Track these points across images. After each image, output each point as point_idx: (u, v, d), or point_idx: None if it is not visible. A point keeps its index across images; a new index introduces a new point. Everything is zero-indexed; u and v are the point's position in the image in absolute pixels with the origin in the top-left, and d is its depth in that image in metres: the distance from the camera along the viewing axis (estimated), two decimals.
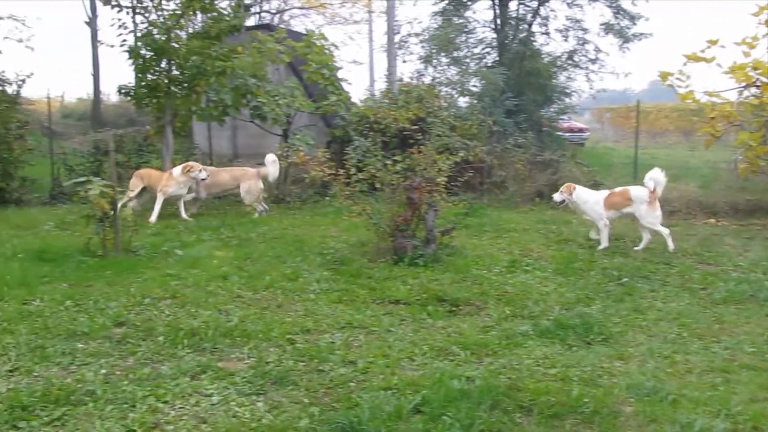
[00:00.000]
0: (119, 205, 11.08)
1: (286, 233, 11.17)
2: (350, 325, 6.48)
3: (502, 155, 16.41)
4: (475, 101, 19.75)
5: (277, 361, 5.43)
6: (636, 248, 10.39)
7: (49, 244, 9.88)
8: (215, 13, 15.65)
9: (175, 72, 15.61)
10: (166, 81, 15.61)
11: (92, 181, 9.22)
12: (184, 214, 12.92)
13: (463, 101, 21.03)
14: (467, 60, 23.12)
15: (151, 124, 18.53)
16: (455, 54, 22.67)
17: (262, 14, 38.64)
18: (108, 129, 25.75)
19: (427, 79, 21.49)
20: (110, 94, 39.25)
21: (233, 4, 16.44)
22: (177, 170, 13.04)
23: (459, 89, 21.13)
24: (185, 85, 15.60)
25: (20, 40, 30.08)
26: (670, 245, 10.21)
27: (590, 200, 10.72)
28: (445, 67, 22.66)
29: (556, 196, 11.03)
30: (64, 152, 17.27)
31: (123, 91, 16.53)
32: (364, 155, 11.24)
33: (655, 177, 10.33)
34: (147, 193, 13.32)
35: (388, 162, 9.99)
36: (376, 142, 12.95)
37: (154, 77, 15.77)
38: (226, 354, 5.65)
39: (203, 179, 13.11)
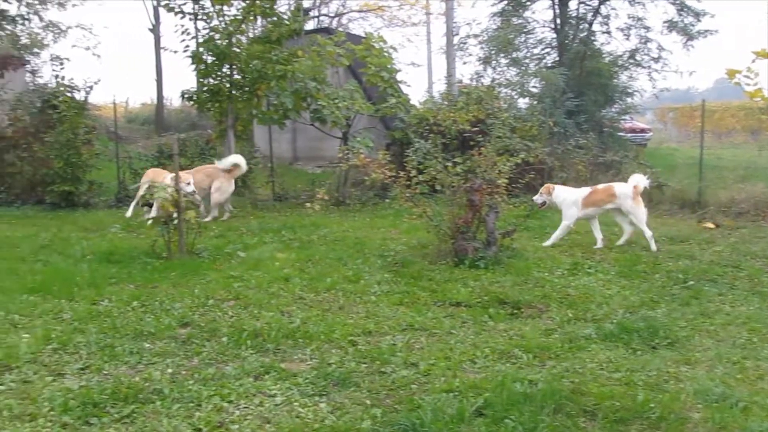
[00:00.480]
0: (131, 205, 11.36)
1: (346, 235, 11.24)
2: (411, 327, 6.48)
3: (562, 157, 16.26)
4: (535, 102, 19.61)
5: (339, 363, 5.46)
6: (618, 242, 10.64)
7: (116, 246, 10.12)
8: (275, 18, 15.87)
9: (237, 76, 15.89)
10: (228, 85, 15.88)
11: (157, 185, 9.41)
12: None
13: (522, 102, 20.91)
14: (527, 61, 22.96)
15: (212, 128, 18.88)
16: (514, 55, 22.52)
17: (321, 18, 38.94)
18: (171, 133, 26.26)
19: (486, 81, 21.44)
20: (172, 99, 40.01)
21: (292, 8, 16.63)
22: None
23: (519, 90, 20.99)
24: (246, 89, 15.86)
25: (87, 48, 30.93)
26: (653, 246, 10.22)
27: (568, 199, 10.77)
28: (505, 68, 22.55)
29: (537, 198, 11.06)
30: (129, 156, 17.65)
31: (186, 95, 16.86)
32: (425, 157, 11.21)
33: (639, 181, 10.54)
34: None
35: (449, 164, 9.95)
36: (436, 144, 12.91)
37: (216, 82, 16.06)
38: (289, 355, 5.71)
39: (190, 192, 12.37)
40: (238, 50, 15.60)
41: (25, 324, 6.50)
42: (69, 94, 16.18)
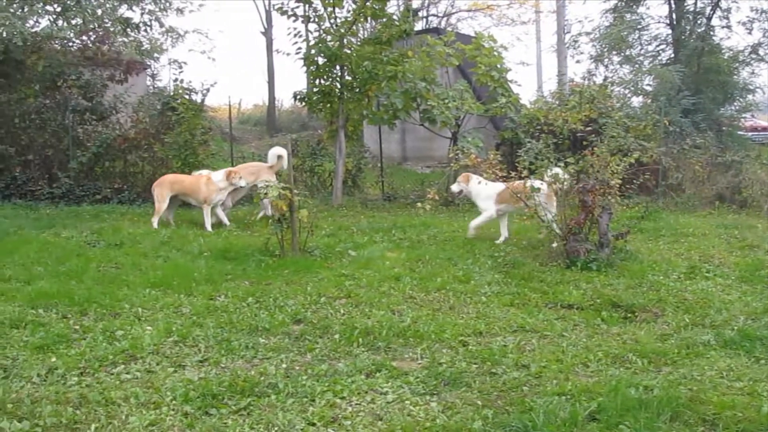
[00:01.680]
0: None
1: (456, 235, 11.25)
2: (522, 328, 6.44)
3: (678, 156, 15.76)
4: (650, 101, 19.08)
5: (450, 363, 5.48)
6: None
7: (231, 244, 10.45)
8: (386, 19, 16.00)
9: (348, 77, 16.10)
10: (339, 86, 16.13)
11: (271, 184, 9.65)
12: (209, 226, 12.40)
13: (636, 101, 20.38)
14: (640, 58, 22.39)
15: (323, 129, 19.19)
16: (628, 52, 22.01)
17: (430, 18, 39.02)
18: (283, 134, 26.91)
19: (598, 79, 21.02)
20: (283, 101, 40.90)
21: (402, 9, 16.74)
22: (218, 176, 12.70)
23: (632, 89, 20.51)
24: (357, 89, 16.06)
25: (203, 52, 32.04)
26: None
27: (482, 193, 10.79)
28: (617, 66, 22.08)
29: (454, 187, 11.12)
30: (242, 156, 18.15)
31: (298, 96, 17.22)
32: (536, 157, 11.09)
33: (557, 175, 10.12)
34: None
35: (561, 164, 9.82)
36: (547, 144, 12.77)
37: (328, 83, 16.33)
38: (400, 353, 5.77)
39: (242, 187, 12.92)
40: (349, 51, 15.82)
41: (148, 317, 6.80)
42: (187, 97, 16.79)
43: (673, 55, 21.55)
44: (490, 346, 5.86)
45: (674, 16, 21.85)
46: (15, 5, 15.75)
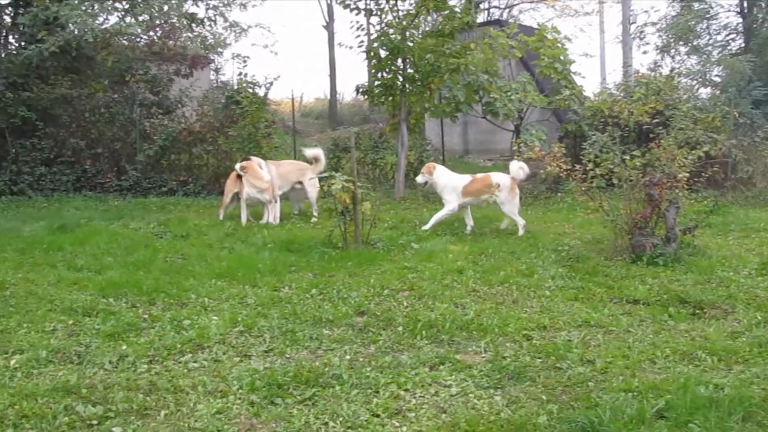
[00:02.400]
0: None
1: (518, 228, 11.14)
2: (587, 323, 6.35)
3: (749, 149, 15.33)
4: (718, 92, 18.61)
5: (514, 357, 5.44)
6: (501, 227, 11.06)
7: (294, 236, 10.56)
8: (448, 11, 15.93)
9: (410, 70, 16.09)
10: (401, 79, 16.13)
11: (334, 177, 9.71)
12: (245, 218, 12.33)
13: (704, 92, 19.91)
14: (709, 48, 21.90)
15: (384, 122, 19.25)
16: (695, 42, 21.55)
17: (491, 10, 38.77)
18: (345, 127, 27.06)
19: (664, 70, 20.61)
20: (345, 94, 41.09)
21: (464, 1, 16.66)
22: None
23: (700, 80, 20.05)
24: (419, 82, 16.04)
25: (266, 46, 32.45)
26: (521, 231, 10.45)
27: (448, 185, 10.79)
28: (685, 56, 21.62)
29: (419, 178, 11.07)
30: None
31: (360, 89, 17.30)
32: (601, 150, 10.93)
33: (518, 171, 10.46)
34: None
35: (626, 157, 9.65)
36: (613, 136, 12.57)
37: (390, 76, 16.35)
38: (463, 347, 5.74)
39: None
40: (411, 44, 15.81)
41: (214, 307, 6.91)
42: (251, 90, 17.01)
43: (743, 45, 20.99)
44: (555, 341, 5.81)
45: (745, 4, 21.28)
46: (86, 3, 16.13)
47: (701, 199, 11.54)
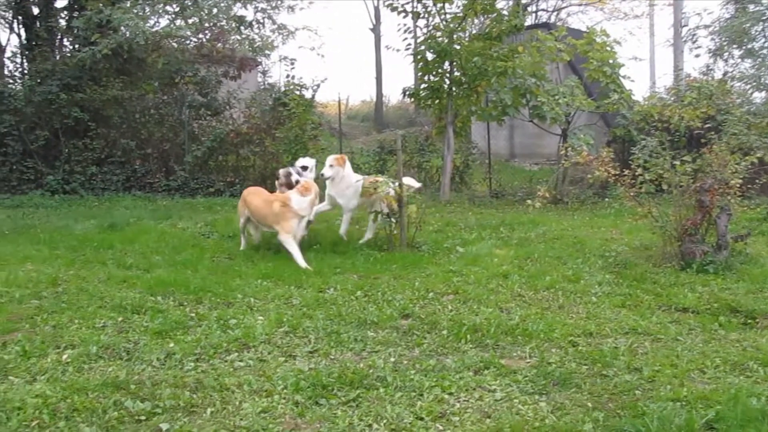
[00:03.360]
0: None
1: (565, 234, 11.06)
2: (634, 330, 6.25)
3: None
4: None
5: (560, 363, 5.38)
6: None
7: (340, 238, 10.57)
8: (496, 14, 15.85)
9: (457, 73, 16.04)
10: (448, 82, 16.09)
11: (380, 179, 9.72)
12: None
13: (758, 96, 19.52)
14: (764, 51, 21.39)
15: (430, 125, 19.23)
16: (750, 45, 21.09)
17: (539, 13, 38.53)
18: (390, 129, 27.10)
19: (717, 74, 20.25)
20: (390, 96, 41.16)
21: (512, 4, 16.57)
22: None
23: (754, 84, 19.63)
24: (466, 85, 15.98)
25: (312, 48, 32.65)
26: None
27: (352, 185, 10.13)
28: (738, 60, 21.19)
29: (326, 171, 10.09)
30: (351, 151, 18.36)
31: (407, 92, 17.29)
32: (650, 155, 10.76)
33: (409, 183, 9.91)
34: None
35: (677, 162, 9.49)
36: (663, 141, 12.38)
37: (436, 79, 16.33)
38: (508, 351, 5.70)
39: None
40: (458, 47, 15.77)
41: (259, 307, 6.96)
42: (298, 93, 17.14)
43: None
44: (601, 348, 5.73)
45: None
46: (138, 6, 16.42)
47: (754, 207, 11.29)
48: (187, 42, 19.35)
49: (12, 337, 5.95)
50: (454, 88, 16.15)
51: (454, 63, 15.99)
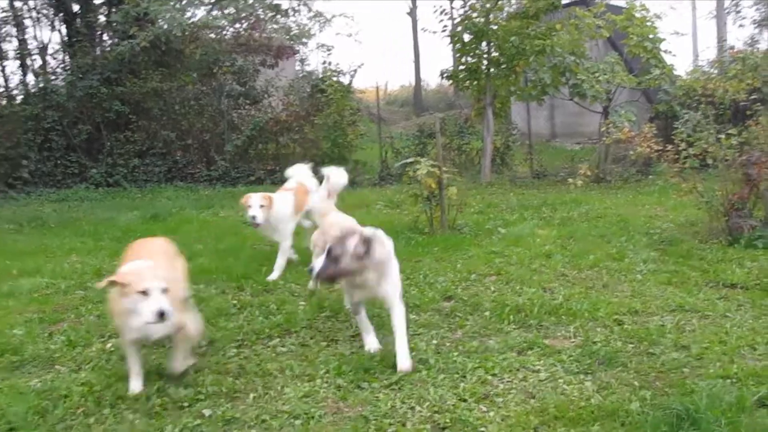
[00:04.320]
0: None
1: (608, 212, 10.91)
2: (681, 308, 6.12)
3: None
4: None
5: (605, 342, 5.29)
6: None
7: (380, 222, 10.50)
8: None
9: (495, 53, 15.88)
10: (486, 63, 15.94)
11: (420, 162, 9.66)
12: None
13: None
14: None
15: (469, 107, 19.10)
16: None
17: None
18: (429, 113, 27.00)
19: (762, 45, 19.76)
20: (429, 80, 40.98)
21: None
22: None
23: None
24: (504, 65, 15.82)
25: (350, 35, 32.61)
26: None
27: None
28: None
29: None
30: (390, 136, 18.31)
31: (445, 74, 17.18)
32: (694, 129, 10.53)
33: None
34: None
35: (722, 136, 9.27)
36: (707, 115, 12.13)
37: (474, 60, 16.18)
38: (552, 331, 5.64)
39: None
40: (495, 27, 15.60)
41: (300, 292, 6.98)
42: (335, 79, 17.14)
43: None
44: (647, 326, 5.63)
45: None
46: None
47: None
48: (224, 32, 19.46)
49: (58, 328, 6.06)
50: (492, 69, 15.99)
51: (492, 43, 15.82)
